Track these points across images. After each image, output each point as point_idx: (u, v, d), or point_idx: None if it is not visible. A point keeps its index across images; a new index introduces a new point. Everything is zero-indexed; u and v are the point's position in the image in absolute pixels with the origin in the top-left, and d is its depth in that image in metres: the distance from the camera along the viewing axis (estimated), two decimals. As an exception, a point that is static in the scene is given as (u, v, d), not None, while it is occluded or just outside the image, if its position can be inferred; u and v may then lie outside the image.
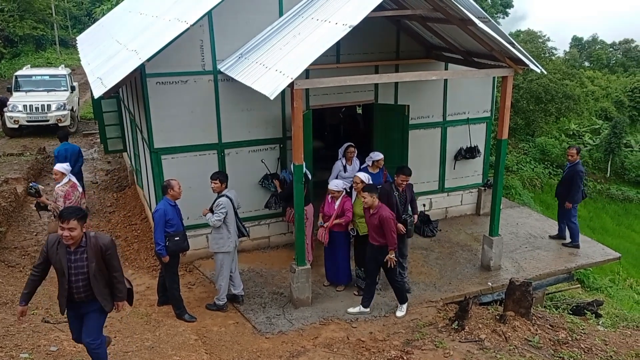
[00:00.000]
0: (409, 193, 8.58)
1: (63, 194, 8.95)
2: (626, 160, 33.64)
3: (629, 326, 9.23)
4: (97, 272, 5.56)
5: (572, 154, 10.35)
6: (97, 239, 5.55)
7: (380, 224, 7.65)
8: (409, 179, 8.45)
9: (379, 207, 7.69)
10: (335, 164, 9.94)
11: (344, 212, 8.43)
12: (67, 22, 41.37)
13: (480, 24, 7.79)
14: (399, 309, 8.25)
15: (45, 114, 18.29)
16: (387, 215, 7.65)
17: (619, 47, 59.56)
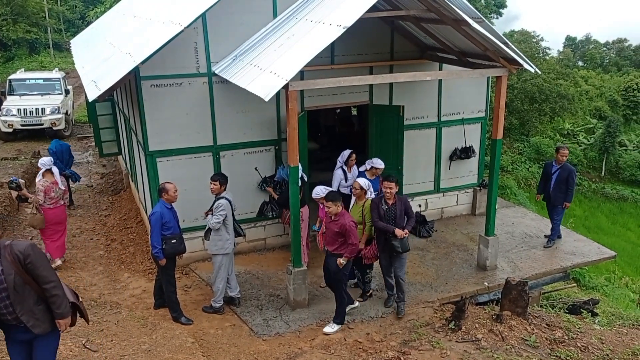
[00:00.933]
0: (399, 207, 7.85)
1: (43, 188, 9.27)
2: (620, 159, 33.79)
3: (625, 324, 9.25)
4: (19, 287, 4.57)
5: (566, 154, 10.27)
6: (12, 247, 4.59)
7: (341, 231, 7.42)
8: (394, 186, 7.84)
9: (340, 215, 7.48)
10: (335, 172, 9.73)
11: None
12: (60, 25, 41.28)
13: (474, 24, 7.81)
14: (330, 325, 7.80)
15: (39, 118, 18.23)
16: (349, 223, 7.41)
17: (613, 46, 59.87)
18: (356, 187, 8.26)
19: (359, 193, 8.14)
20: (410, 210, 7.98)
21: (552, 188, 10.25)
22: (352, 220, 7.51)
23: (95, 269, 9.86)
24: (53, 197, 9.41)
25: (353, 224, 7.48)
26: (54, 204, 9.46)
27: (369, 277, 8.57)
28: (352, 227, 7.43)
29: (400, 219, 7.84)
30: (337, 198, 7.54)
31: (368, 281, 8.60)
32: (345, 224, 7.39)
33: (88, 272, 9.74)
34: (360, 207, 8.11)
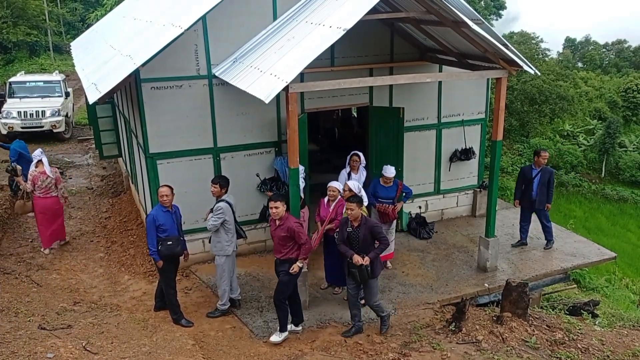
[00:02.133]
0: (363, 231, 7.23)
1: (31, 177, 9.93)
2: (620, 161, 33.80)
3: (625, 326, 9.27)
4: None
5: (546, 156, 10.11)
6: None
7: (289, 235, 7.24)
8: (355, 207, 7.18)
9: (285, 218, 7.28)
10: (341, 173, 9.65)
11: (337, 215, 8.27)
12: (60, 28, 41.30)
13: (473, 26, 7.82)
14: (276, 334, 7.60)
15: (39, 120, 18.25)
16: (294, 224, 7.24)
17: (612, 47, 59.92)
18: (345, 190, 8.22)
19: (347, 195, 8.03)
20: (378, 234, 7.34)
21: (536, 192, 10.04)
22: (296, 221, 7.34)
23: (95, 271, 9.86)
24: (42, 187, 9.93)
25: (299, 224, 7.32)
26: (44, 194, 9.99)
27: None
28: (299, 227, 7.28)
29: (364, 243, 7.28)
30: (283, 198, 7.37)
31: None
32: (292, 226, 7.21)
33: (88, 274, 9.74)
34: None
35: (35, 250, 10.47)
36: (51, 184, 10.01)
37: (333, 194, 8.35)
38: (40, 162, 10.01)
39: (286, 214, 7.35)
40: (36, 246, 10.66)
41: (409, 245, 10.46)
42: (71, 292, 8.97)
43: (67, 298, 8.69)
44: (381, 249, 7.39)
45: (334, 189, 8.37)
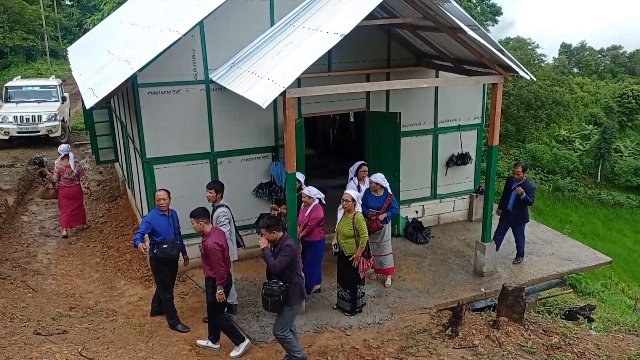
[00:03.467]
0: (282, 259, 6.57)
1: (57, 170, 11.31)
2: (616, 166, 33.96)
3: (621, 330, 9.28)
4: None
5: (518, 172, 9.64)
6: None
7: (206, 253, 6.98)
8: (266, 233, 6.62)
9: (208, 235, 7.02)
10: (348, 184, 9.52)
11: (309, 221, 8.15)
12: (57, 32, 41.36)
13: (469, 32, 7.86)
14: (235, 349, 7.36)
15: (36, 125, 18.20)
16: (212, 245, 6.87)
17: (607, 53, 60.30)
18: (347, 199, 7.99)
19: (350, 205, 7.98)
20: (281, 251, 6.55)
21: (512, 206, 9.74)
22: (215, 242, 6.91)
23: (91, 276, 9.84)
24: (67, 178, 11.29)
25: (217, 245, 6.88)
26: (68, 184, 11.35)
27: (360, 291, 8.34)
28: (215, 249, 6.87)
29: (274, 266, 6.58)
30: (200, 215, 7.03)
31: (361, 295, 8.40)
32: (207, 245, 6.91)
33: (84, 279, 9.72)
34: (350, 220, 7.99)
35: (31, 256, 10.44)
36: (75, 175, 11.40)
37: (306, 200, 8.24)
38: (66, 157, 11.33)
39: (212, 230, 7.10)
40: (32, 251, 10.63)
41: (405, 250, 10.47)
42: (67, 297, 8.94)
43: (63, 303, 8.66)
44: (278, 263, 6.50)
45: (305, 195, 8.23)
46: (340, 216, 8.30)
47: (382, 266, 9.18)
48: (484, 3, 49.28)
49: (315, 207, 8.27)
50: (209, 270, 7.14)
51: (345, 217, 8.10)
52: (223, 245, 7.06)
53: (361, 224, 7.97)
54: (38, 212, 12.98)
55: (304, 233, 8.20)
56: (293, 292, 6.67)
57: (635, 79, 50.54)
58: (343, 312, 8.39)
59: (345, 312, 8.37)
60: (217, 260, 6.95)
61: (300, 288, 6.79)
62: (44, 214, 12.82)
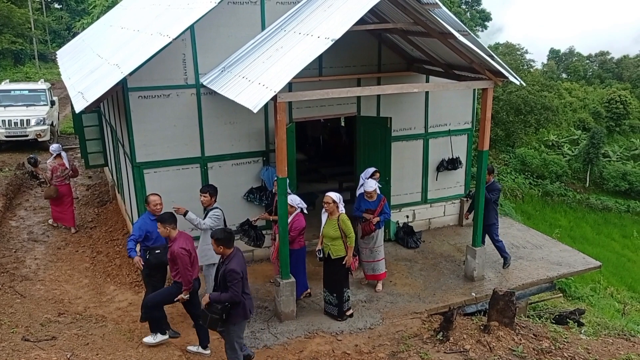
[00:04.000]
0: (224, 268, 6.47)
1: (51, 167, 11.57)
2: (604, 170, 34.23)
3: (610, 334, 9.33)
4: None
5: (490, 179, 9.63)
6: None
7: (173, 259, 6.94)
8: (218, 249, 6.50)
9: (174, 240, 6.97)
10: (359, 189, 9.43)
11: (291, 230, 8.09)
12: (46, 36, 41.12)
13: (460, 37, 7.90)
14: (152, 336, 7.50)
15: (24, 129, 18.05)
16: (179, 250, 6.82)
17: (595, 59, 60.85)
18: (328, 202, 7.99)
19: (332, 207, 7.97)
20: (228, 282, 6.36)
21: None
22: (182, 247, 6.88)
23: (80, 281, 9.75)
24: (59, 176, 11.56)
25: (184, 251, 6.85)
26: (60, 182, 11.59)
27: (346, 295, 8.31)
28: (182, 254, 6.82)
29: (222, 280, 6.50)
30: (166, 220, 6.96)
31: (347, 299, 8.38)
32: (174, 250, 6.86)
33: (73, 285, 9.62)
34: (334, 222, 7.98)
35: (19, 261, 10.34)
36: (67, 174, 11.71)
37: (290, 209, 8.07)
38: (59, 156, 11.64)
39: (177, 235, 7.01)
40: (20, 256, 10.52)
41: (396, 254, 10.48)
42: (56, 303, 8.85)
43: (52, 309, 8.57)
44: (228, 296, 6.36)
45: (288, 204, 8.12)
46: (324, 219, 8.25)
47: (374, 272, 9.17)
48: (474, 9, 49.64)
49: (297, 217, 8.22)
50: (175, 275, 7.09)
51: (330, 219, 8.07)
52: (190, 250, 7.01)
53: (346, 223, 7.97)
54: (26, 217, 12.85)
55: None
56: (236, 312, 6.53)
57: (622, 84, 51.09)
58: (331, 317, 8.36)
59: (333, 317, 8.35)
60: (184, 265, 6.90)
61: (244, 307, 6.58)
62: (33, 219, 12.70)
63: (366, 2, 7.41)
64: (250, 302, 6.76)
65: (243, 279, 6.49)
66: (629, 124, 42.94)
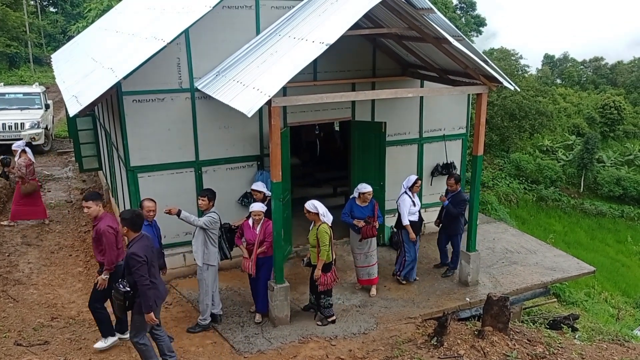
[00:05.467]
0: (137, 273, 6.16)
1: (24, 163, 11.71)
2: (599, 176, 34.36)
3: (604, 339, 9.34)
4: None
5: (451, 184, 9.69)
6: None
7: (98, 237, 6.81)
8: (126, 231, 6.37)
9: (100, 218, 6.84)
10: (403, 197, 9.28)
11: (265, 237, 7.96)
12: (41, 39, 41.02)
13: (454, 42, 7.92)
14: (102, 340, 7.35)
15: (18, 133, 17.96)
16: (105, 228, 6.71)
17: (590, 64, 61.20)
18: (305, 211, 7.90)
19: (311, 216, 7.88)
20: (131, 267, 6.13)
21: (445, 217, 9.74)
22: (109, 225, 6.79)
23: (73, 285, 9.70)
24: (31, 171, 11.82)
25: (110, 229, 6.76)
26: (33, 177, 11.86)
27: (325, 302, 8.24)
28: (108, 232, 6.72)
29: None
30: (98, 197, 6.92)
31: (327, 306, 8.31)
32: (100, 228, 6.73)
33: (66, 289, 9.57)
34: (315, 230, 7.87)
35: (12, 265, 10.28)
36: (33, 169, 11.92)
37: (258, 217, 7.95)
38: (24, 152, 11.85)
39: (103, 214, 6.88)
40: (13, 260, 10.46)
41: (391, 259, 10.46)
42: (49, 308, 8.80)
43: (45, 313, 8.52)
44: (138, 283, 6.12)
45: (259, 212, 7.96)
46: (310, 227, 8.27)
47: (369, 276, 9.15)
48: (469, 14, 49.87)
49: (267, 222, 8.00)
50: (100, 256, 6.93)
51: (314, 226, 7.99)
52: (117, 229, 6.85)
53: (322, 235, 7.76)
54: (20, 220, 12.78)
55: (263, 249, 7.98)
56: (144, 298, 6.24)
57: (616, 90, 51.37)
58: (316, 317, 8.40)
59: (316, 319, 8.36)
60: (110, 244, 6.76)
61: (149, 294, 6.26)
62: (26, 222, 12.63)
63: (361, 7, 7.42)
64: (158, 292, 6.44)
65: (148, 264, 6.20)
66: (623, 130, 43.16)
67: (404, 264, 9.45)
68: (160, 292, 6.55)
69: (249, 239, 8.02)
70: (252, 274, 8.07)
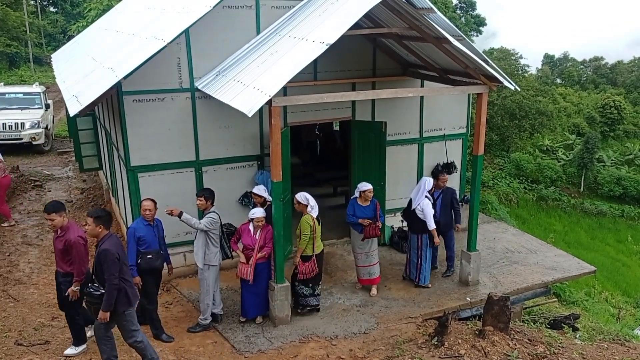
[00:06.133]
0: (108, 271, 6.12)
1: None
2: (599, 175, 34.32)
3: (605, 339, 9.33)
4: None
5: (445, 179, 9.73)
6: None
7: (67, 249, 6.60)
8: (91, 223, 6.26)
9: (67, 228, 6.65)
10: (426, 203, 9.15)
11: (266, 243, 7.95)
12: (41, 39, 41.01)
13: (454, 42, 7.92)
14: (73, 348, 7.13)
15: (18, 132, 18.00)
16: (76, 239, 6.55)
17: (590, 64, 61.19)
18: (295, 202, 8.22)
19: (300, 207, 8.12)
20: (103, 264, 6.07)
21: (439, 214, 9.57)
22: (80, 235, 6.66)
23: (74, 285, 9.69)
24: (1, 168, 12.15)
25: (81, 240, 6.64)
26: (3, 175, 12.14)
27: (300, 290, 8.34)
28: (79, 243, 6.59)
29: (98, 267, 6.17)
30: (61, 208, 6.65)
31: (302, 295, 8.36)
32: (70, 239, 6.56)
33: (67, 289, 9.56)
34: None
35: (12, 265, 10.27)
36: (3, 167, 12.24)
37: (259, 224, 7.93)
38: None
39: (68, 224, 6.68)
40: (14, 260, 10.46)
41: (391, 259, 10.47)
42: (49, 307, 8.79)
43: (45, 313, 8.52)
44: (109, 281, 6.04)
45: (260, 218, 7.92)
46: None
47: (370, 276, 9.15)
48: (468, 14, 49.86)
49: (267, 227, 7.98)
50: (66, 266, 6.77)
51: None
52: (86, 238, 6.75)
53: (304, 225, 8.01)
54: (20, 220, 12.78)
55: (263, 254, 7.95)
56: (118, 299, 6.18)
57: (616, 89, 51.35)
58: None
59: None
60: (82, 254, 6.63)
61: (126, 294, 6.26)
62: (27, 222, 12.63)
63: (361, 7, 7.42)
64: (133, 289, 6.44)
65: (120, 262, 6.15)
66: (623, 129, 43.15)
67: (420, 269, 9.40)
68: (135, 291, 6.54)
69: (248, 244, 7.98)
70: (249, 280, 7.92)
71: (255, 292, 8.19)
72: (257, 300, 8.25)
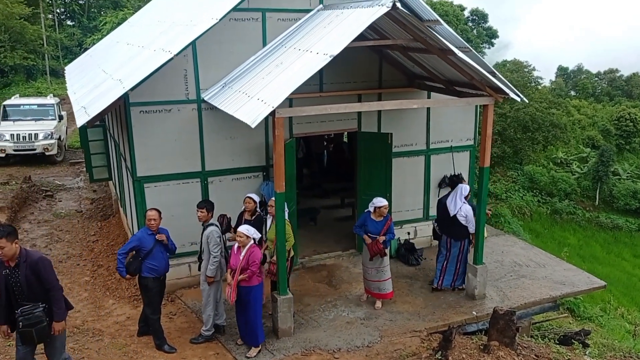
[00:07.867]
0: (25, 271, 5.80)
1: None
2: (614, 189, 33.89)
3: (616, 356, 9.17)
4: None
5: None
6: None
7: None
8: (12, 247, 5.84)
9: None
10: (468, 208, 9.14)
11: (249, 265, 7.33)
12: (58, 52, 41.56)
13: (459, 54, 7.89)
14: None
15: (32, 143, 18.26)
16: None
17: (604, 76, 60.61)
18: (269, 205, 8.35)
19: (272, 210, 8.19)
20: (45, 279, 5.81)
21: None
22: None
23: (80, 295, 9.74)
24: None
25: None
26: None
27: None
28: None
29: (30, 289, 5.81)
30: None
31: None
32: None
33: (72, 298, 9.55)
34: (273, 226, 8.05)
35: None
36: None
37: (241, 239, 7.39)
38: None
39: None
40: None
41: (397, 271, 10.37)
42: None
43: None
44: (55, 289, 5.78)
45: (242, 234, 7.39)
46: (269, 223, 8.37)
47: (380, 291, 9.04)
48: (480, 26, 49.80)
49: (253, 248, 7.42)
50: None
51: (273, 222, 8.09)
52: None
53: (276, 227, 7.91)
54: (30, 229, 12.91)
55: (244, 277, 7.34)
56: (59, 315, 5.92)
57: (632, 102, 50.76)
58: None
59: None
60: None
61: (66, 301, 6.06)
62: (36, 232, 12.76)
63: (364, 20, 7.43)
64: None
65: None
66: (639, 142, 42.60)
67: (459, 273, 9.47)
68: None
69: (232, 265, 7.47)
70: (230, 303, 7.52)
71: (242, 319, 7.76)
72: (245, 328, 7.80)
